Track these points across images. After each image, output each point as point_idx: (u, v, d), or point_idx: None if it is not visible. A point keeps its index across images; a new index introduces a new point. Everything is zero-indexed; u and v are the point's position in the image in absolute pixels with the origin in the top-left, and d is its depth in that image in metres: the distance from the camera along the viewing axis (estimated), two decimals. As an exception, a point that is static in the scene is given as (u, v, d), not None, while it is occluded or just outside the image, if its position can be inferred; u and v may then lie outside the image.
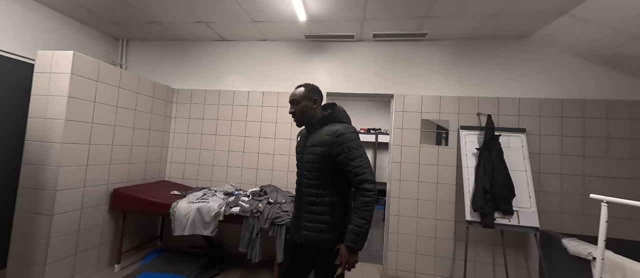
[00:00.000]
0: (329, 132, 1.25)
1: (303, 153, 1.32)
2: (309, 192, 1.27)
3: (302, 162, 1.32)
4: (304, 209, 1.27)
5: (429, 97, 2.62)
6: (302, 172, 1.31)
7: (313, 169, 1.26)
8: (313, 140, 1.29)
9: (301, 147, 1.35)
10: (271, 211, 2.11)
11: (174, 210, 2.16)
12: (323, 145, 1.24)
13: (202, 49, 3.08)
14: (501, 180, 2.20)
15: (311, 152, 1.27)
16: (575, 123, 2.39)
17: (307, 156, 1.29)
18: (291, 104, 1.35)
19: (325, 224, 1.22)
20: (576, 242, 1.94)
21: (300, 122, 1.35)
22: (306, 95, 1.33)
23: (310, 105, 1.32)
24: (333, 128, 1.25)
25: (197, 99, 3.01)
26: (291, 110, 1.34)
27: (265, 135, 2.86)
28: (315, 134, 1.30)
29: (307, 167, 1.28)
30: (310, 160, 1.27)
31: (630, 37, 1.98)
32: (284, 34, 2.77)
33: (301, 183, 1.31)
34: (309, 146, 1.29)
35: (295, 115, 1.33)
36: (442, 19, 2.26)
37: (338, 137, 1.21)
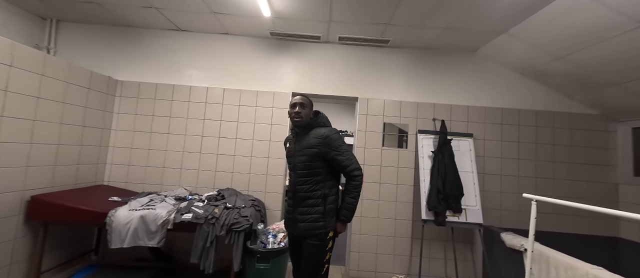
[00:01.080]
0: (317, 136, 1.48)
1: (294, 156, 1.53)
2: (303, 189, 1.47)
3: (294, 164, 1.53)
4: (299, 204, 1.48)
5: (390, 102, 2.73)
6: (296, 172, 1.51)
7: (305, 168, 1.48)
8: (303, 144, 1.51)
9: (292, 150, 1.56)
10: (229, 217, 1.96)
11: (111, 219, 1.88)
12: (313, 147, 1.47)
13: (154, 38, 2.77)
14: (452, 180, 2.38)
15: (302, 153, 1.49)
16: (512, 129, 2.70)
17: (299, 158, 1.50)
18: (300, 105, 1.52)
19: (318, 214, 1.45)
20: (512, 236, 2.18)
21: (299, 124, 1.53)
22: (310, 105, 1.58)
23: (309, 114, 1.56)
24: (319, 131, 1.49)
25: (146, 93, 2.69)
26: (298, 110, 1.51)
27: (225, 135, 2.68)
28: (304, 138, 1.52)
29: (299, 167, 1.49)
30: (302, 161, 1.49)
31: (553, 57, 2.30)
32: (248, 29, 2.64)
33: (295, 182, 1.50)
34: (300, 149, 1.51)
35: (301, 118, 1.51)
36: (403, 27, 2.37)
37: (325, 139, 1.46)
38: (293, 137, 1.59)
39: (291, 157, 1.55)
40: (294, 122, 1.55)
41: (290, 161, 1.57)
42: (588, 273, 1.56)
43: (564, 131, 2.69)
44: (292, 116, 1.54)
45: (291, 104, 1.57)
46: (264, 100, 2.71)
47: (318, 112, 1.60)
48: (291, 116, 1.55)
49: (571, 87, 2.58)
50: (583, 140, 2.67)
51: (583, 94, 2.58)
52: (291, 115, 1.55)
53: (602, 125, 2.69)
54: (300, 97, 1.57)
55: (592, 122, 2.69)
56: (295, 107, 1.54)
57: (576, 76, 2.38)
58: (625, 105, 2.42)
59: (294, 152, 1.54)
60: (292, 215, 1.51)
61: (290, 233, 1.58)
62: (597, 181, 2.64)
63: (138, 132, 2.66)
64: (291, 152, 1.56)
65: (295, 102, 1.55)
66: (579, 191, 2.62)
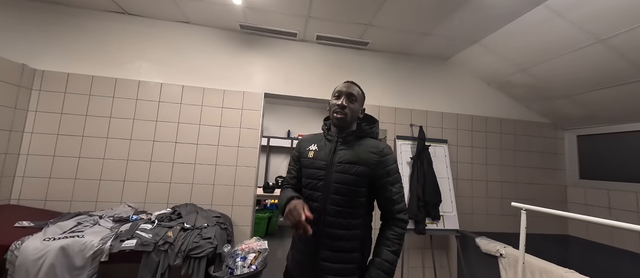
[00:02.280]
0: (373, 149, 1.05)
1: (329, 170, 1.04)
2: (336, 223, 1.00)
3: (327, 182, 1.03)
4: (327, 245, 1.00)
5: (369, 106, 2.63)
6: (328, 195, 1.02)
7: (347, 193, 1.01)
8: (349, 156, 1.04)
9: (325, 161, 1.06)
10: (186, 240, 1.61)
11: (13, 254, 1.38)
12: (365, 164, 1.02)
13: (91, 21, 2.26)
14: (431, 187, 2.35)
15: (346, 170, 1.02)
16: (481, 136, 2.82)
17: (338, 175, 1.02)
18: (348, 97, 1.07)
19: (355, 263, 1.02)
20: (486, 241, 2.22)
21: (341, 123, 1.07)
22: (362, 99, 1.13)
23: (359, 110, 1.12)
24: (376, 144, 1.08)
25: (77, 87, 2.16)
26: (344, 103, 1.05)
27: (184, 139, 2.28)
28: (350, 148, 1.06)
29: (336, 190, 1.01)
30: (344, 181, 1.01)
31: (517, 68, 2.45)
32: (214, 18, 2.31)
33: (324, 209, 1.02)
34: (341, 162, 1.03)
35: (346, 115, 1.05)
36: (384, 30, 2.30)
37: (384, 157, 1.04)
38: (327, 141, 1.10)
39: (320, 170, 1.05)
40: (336, 119, 1.06)
41: (315, 176, 1.05)
42: (562, 277, 1.60)
43: (523, 138, 2.89)
44: (334, 110, 1.07)
45: (336, 92, 1.10)
46: (232, 101, 2.39)
47: (375, 120, 1.16)
48: (332, 110, 1.08)
49: (530, 98, 2.79)
50: (539, 146, 2.91)
51: (539, 104, 2.82)
52: (332, 109, 1.08)
53: (552, 133, 2.97)
54: (350, 84, 1.09)
55: (545, 130, 2.95)
56: (340, 98, 1.06)
57: (535, 87, 2.58)
58: (572, 115, 2.70)
59: (328, 163, 1.04)
60: (311, 260, 1.02)
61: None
62: (549, 184, 2.89)
63: (64, 136, 2.11)
64: (324, 162, 1.05)
65: (341, 89, 1.08)
66: (535, 193, 2.83)
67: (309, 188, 1.07)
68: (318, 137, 1.15)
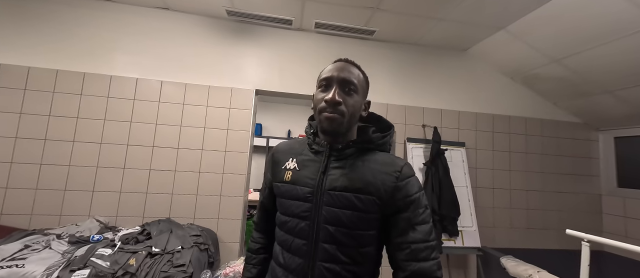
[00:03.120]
0: (388, 168, 0.67)
1: (318, 195, 0.66)
2: (333, 271, 0.63)
3: (315, 221, 0.65)
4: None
5: (376, 104, 2.30)
6: (317, 245, 0.64)
7: (347, 241, 0.64)
8: (349, 179, 0.66)
9: (311, 187, 0.67)
10: (153, 269, 1.31)
11: None
12: (375, 193, 0.65)
13: (54, 5, 1.97)
14: (448, 199, 2.02)
15: (344, 203, 0.64)
16: (503, 138, 2.47)
17: (332, 211, 0.64)
18: (341, 85, 0.68)
19: None
20: (514, 262, 1.89)
21: (335, 129, 0.67)
22: (365, 87, 0.74)
23: (362, 106, 0.73)
24: (391, 161, 0.69)
25: (39, 83, 1.87)
26: (336, 97, 0.65)
27: (162, 143, 1.99)
28: (351, 166, 0.68)
29: (328, 236, 0.64)
30: (342, 220, 0.64)
31: (549, 59, 2.10)
32: (196, 3, 2.00)
33: (314, 252, 0.64)
34: (335, 189, 0.65)
35: (342, 113, 0.66)
36: (393, 15, 1.96)
37: (404, 180, 0.66)
38: (312, 154, 0.72)
39: (302, 199, 0.68)
40: (326, 122, 0.67)
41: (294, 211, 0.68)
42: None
43: (551, 140, 2.54)
44: (321, 109, 0.68)
45: (323, 79, 0.70)
46: (219, 99, 2.09)
47: (389, 124, 0.78)
48: (319, 108, 0.69)
49: (560, 94, 2.43)
50: (569, 150, 2.55)
51: (570, 101, 2.45)
52: (318, 107, 0.69)
53: (585, 134, 2.60)
54: (345, 64, 0.72)
55: (576, 130, 2.59)
56: (330, 88, 0.68)
57: (569, 81, 2.22)
58: (611, 113, 2.33)
59: (314, 190, 0.67)
60: None
61: None
62: (581, 192, 2.53)
63: (23, 139, 1.82)
64: (305, 190, 0.68)
65: (332, 74, 0.69)
66: (566, 203, 2.48)
67: (287, 231, 0.66)
68: (298, 147, 0.75)
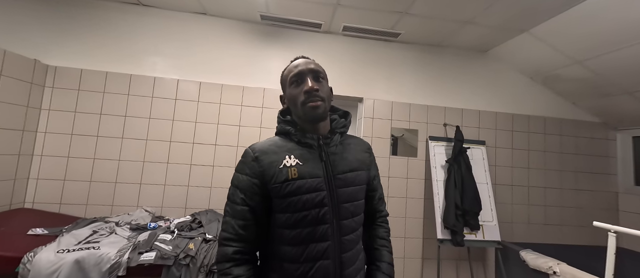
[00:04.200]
0: (364, 148, 0.85)
1: (331, 184, 0.72)
2: (352, 258, 0.73)
3: (333, 205, 0.71)
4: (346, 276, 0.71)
5: (399, 104, 2.41)
6: (340, 222, 0.71)
7: (356, 211, 0.76)
8: (348, 161, 0.76)
9: (319, 176, 0.72)
10: (209, 253, 1.46)
11: (25, 267, 1.27)
12: (363, 168, 0.80)
13: (105, 12, 2.12)
14: (471, 195, 2.12)
15: (352, 181, 0.75)
16: (522, 136, 2.55)
17: (346, 190, 0.73)
18: (312, 75, 0.75)
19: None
20: (534, 255, 1.98)
21: (322, 115, 0.74)
22: (327, 77, 0.80)
23: (330, 95, 0.81)
24: (361, 141, 0.87)
25: (91, 84, 2.04)
26: (315, 86, 0.73)
27: (201, 140, 2.14)
28: (342, 150, 0.78)
29: (347, 212, 0.73)
30: (353, 196, 0.75)
31: (572, 61, 2.16)
32: (233, 9, 2.13)
33: (340, 246, 0.71)
34: (342, 172, 0.74)
35: (323, 99, 0.74)
36: (420, 18, 2.06)
37: (372, 154, 0.88)
38: (304, 149, 0.75)
39: (317, 192, 0.70)
40: (308, 110, 0.73)
41: (313, 203, 0.70)
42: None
43: (570, 139, 2.60)
44: (300, 101, 0.74)
45: (293, 77, 0.76)
46: (252, 98, 2.22)
47: (347, 112, 0.87)
48: (298, 102, 0.74)
49: (580, 94, 2.49)
50: (586, 148, 2.62)
51: (590, 101, 2.51)
52: (297, 101, 0.75)
53: (603, 134, 2.66)
54: (307, 59, 0.79)
55: (594, 129, 2.65)
56: (304, 80, 0.74)
57: (590, 82, 2.28)
58: (630, 113, 2.39)
59: (325, 180, 0.72)
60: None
61: None
62: (598, 190, 2.60)
63: (79, 135, 1.99)
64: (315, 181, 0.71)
65: (302, 69, 0.75)
66: (583, 201, 2.55)
67: (307, 224, 0.68)
68: (283, 145, 0.75)
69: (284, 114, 0.82)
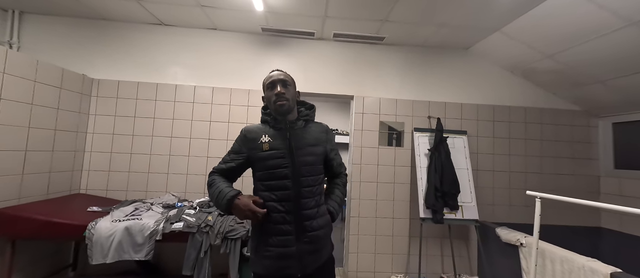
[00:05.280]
0: (321, 130, 1.18)
1: (292, 157, 1.04)
2: (311, 202, 1.05)
3: (293, 168, 1.03)
4: (306, 227, 1.03)
5: (386, 100, 2.70)
6: (298, 179, 1.03)
7: (312, 172, 1.08)
8: (305, 140, 1.10)
9: (283, 149, 1.05)
10: (224, 224, 1.85)
11: (90, 232, 1.70)
12: (320, 144, 1.14)
13: (133, 33, 2.56)
14: (449, 178, 2.39)
15: (309, 152, 1.08)
16: (503, 126, 2.76)
17: (305, 158, 1.07)
18: (282, 83, 1.08)
19: (327, 237, 1.12)
20: (507, 230, 2.23)
21: (286, 110, 1.08)
22: (294, 83, 1.15)
23: (296, 95, 1.16)
24: (320, 125, 1.20)
25: (126, 93, 2.48)
26: (281, 90, 1.07)
27: (216, 136, 2.53)
28: (305, 132, 1.12)
29: (306, 172, 1.05)
30: (311, 162, 1.08)
31: (543, 55, 2.36)
32: (238, 24, 2.50)
33: (299, 193, 1.03)
34: (302, 147, 1.07)
35: (287, 99, 1.07)
36: (399, 24, 2.34)
37: (329, 133, 1.21)
38: (276, 130, 1.09)
39: (280, 158, 1.04)
40: (277, 107, 1.06)
41: (279, 165, 1.03)
42: (584, 266, 1.61)
43: (550, 127, 2.78)
44: (272, 100, 1.07)
45: (268, 84, 1.10)
46: (256, 100, 2.59)
47: (312, 105, 1.22)
48: (271, 101, 1.08)
49: (557, 85, 2.67)
50: (567, 135, 2.79)
51: (568, 91, 2.68)
52: (271, 100, 1.08)
53: (585, 121, 2.81)
54: (280, 72, 1.12)
55: (575, 117, 2.81)
56: (275, 87, 1.07)
57: (564, 74, 2.46)
58: (607, 101, 2.54)
59: (287, 151, 1.05)
60: (294, 247, 1.01)
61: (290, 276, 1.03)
62: (580, 174, 2.77)
63: (118, 135, 2.45)
64: (279, 152, 1.04)
65: (275, 79, 1.08)
66: (564, 184, 2.73)
67: (274, 178, 1.03)
68: (264, 128, 1.11)
69: (265, 108, 1.17)
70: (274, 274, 1.02)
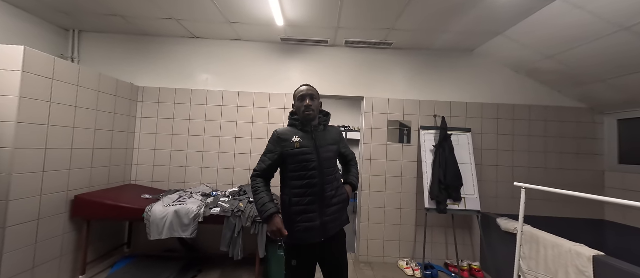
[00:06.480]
0: (336, 133, 1.51)
1: (317, 153, 1.36)
2: (330, 188, 1.36)
3: (319, 162, 1.35)
4: (327, 204, 1.35)
5: (394, 100, 2.93)
6: (322, 170, 1.35)
7: (332, 165, 1.41)
8: (326, 140, 1.42)
9: (311, 147, 1.36)
10: (253, 210, 2.19)
11: (148, 214, 2.10)
12: (336, 143, 1.47)
13: (170, 46, 2.94)
14: (453, 172, 2.60)
15: (329, 150, 1.41)
16: (507, 123, 2.92)
17: (327, 154, 1.39)
18: (310, 98, 1.39)
19: (345, 210, 1.45)
20: (506, 220, 2.42)
21: (312, 119, 1.39)
22: (318, 96, 1.46)
23: (319, 106, 1.46)
24: (335, 129, 1.53)
25: (166, 98, 2.88)
26: (309, 103, 1.37)
27: (241, 135, 2.88)
28: (324, 134, 1.43)
29: (327, 165, 1.37)
30: (330, 158, 1.41)
31: (544, 56, 2.50)
32: (260, 35, 2.81)
33: (323, 181, 1.34)
34: (323, 145, 1.40)
35: (313, 111, 1.38)
36: (405, 32, 2.55)
37: (341, 135, 1.56)
38: (302, 132, 1.39)
39: (309, 154, 1.34)
40: (305, 116, 1.37)
41: (309, 159, 1.33)
42: (571, 250, 1.80)
43: (554, 124, 2.90)
44: (301, 110, 1.38)
45: (299, 96, 1.40)
46: (276, 102, 2.91)
47: (328, 113, 1.52)
48: (300, 110, 1.39)
49: (561, 83, 2.78)
50: (572, 132, 2.89)
51: (572, 90, 2.79)
52: (300, 110, 1.39)
53: (590, 118, 2.90)
54: (308, 87, 1.41)
55: (580, 115, 2.90)
56: (305, 100, 1.38)
57: (565, 73, 2.58)
58: (611, 99, 2.63)
59: (314, 149, 1.35)
60: (318, 221, 1.32)
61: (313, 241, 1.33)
62: (585, 169, 2.87)
63: (160, 134, 2.86)
64: (308, 149, 1.35)
65: (305, 93, 1.39)
66: (568, 179, 2.86)
67: (304, 170, 1.34)
68: (293, 130, 1.40)
69: (292, 114, 1.47)
70: (303, 243, 1.34)
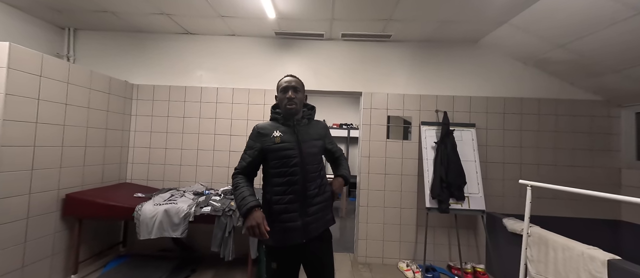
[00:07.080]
0: (321, 127, 1.41)
1: (299, 149, 1.25)
2: (313, 186, 1.26)
3: (301, 157, 1.24)
4: (309, 203, 1.24)
5: (394, 95, 2.81)
6: (305, 167, 1.24)
7: (315, 161, 1.30)
8: (310, 135, 1.32)
9: (292, 142, 1.25)
10: (244, 209, 2.12)
11: (138, 213, 2.06)
12: (320, 138, 1.37)
13: (164, 42, 2.90)
14: (455, 170, 2.47)
15: (313, 145, 1.31)
16: (514, 118, 2.75)
17: (310, 150, 1.29)
18: (293, 89, 1.28)
19: (328, 209, 1.34)
20: (513, 221, 2.28)
21: (294, 112, 1.28)
22: (303, 87, 1.35)
23: (304, 99, 1.36)
24: (320, 123, 1.42)
25: (160, 96, 2.84)
26: (291, 95, 1.26)
27: (236, 132, 2.82)
28: (307, 128, 1.33)
29: (310, 161, 1.27)
30: (314, 154, 1.30)
31: (554, 45, 2.33)
32: (253, 30, 2.74)
33: (305, 178, 1.23)
34: (307, 140, 1.29)
35: (296, 104, 1.27)
36: (404, 22, 2.43)
37: (326, 130, 1.45)
38: (284, 126, 1.28)
39: (290, 149, 1.23)
40: (288, 109, 1.26)
41: (289, 155, 1.22)
42: (583, 253, 1.65)
43: (566, 118, 2.72)
44: (284, 103, 1.27)
45: (282, 88, 1.28)
46: (272, 98, 2.83)
47: (313, 106, 1.42)
48: (282, 103, 1.28)
49: (573, 74, 2.60)
50: (585, 127, 2.71)
51: (585, 81, 2.60)
52: (282, 102, 1.28)
53: (606, 111, 2.71)
54: (291, 78, 1.30)
55: (595, 108, 2.71)
56: (287, 92, 1.26)
57: (577, 63, 2.41)
58: (629, 91, 2.44)
59: (295, 144, 1.25)
60: (300, 221, 1.22)
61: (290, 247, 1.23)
62: (599, 166, 2.69)
63: (155, 132, 2.83)
64: (290, 144, 1.24)
65: (287, 85, 1.27)
66: (581, 177, 2.68)
67: (285, 166, 1.23)
68: (274, 125, 1.30)
69: (275, 107, 1.38)
70: (284, 244, 1.23)
